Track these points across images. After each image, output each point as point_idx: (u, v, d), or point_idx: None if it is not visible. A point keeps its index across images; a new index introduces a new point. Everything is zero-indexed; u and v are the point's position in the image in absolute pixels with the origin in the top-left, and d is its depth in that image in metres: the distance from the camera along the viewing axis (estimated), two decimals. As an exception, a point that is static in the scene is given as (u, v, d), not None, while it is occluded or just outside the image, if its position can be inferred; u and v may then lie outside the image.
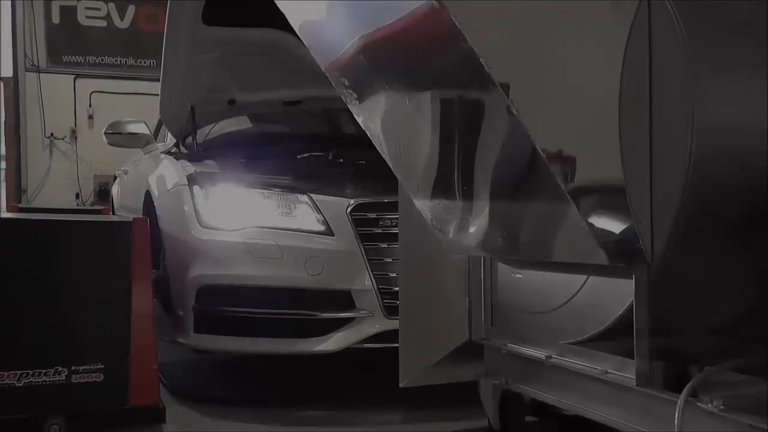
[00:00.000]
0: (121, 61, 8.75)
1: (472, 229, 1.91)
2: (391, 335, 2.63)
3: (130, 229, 2.44)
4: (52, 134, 8.52)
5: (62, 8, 8.53)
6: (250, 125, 4.37)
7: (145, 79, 8.33)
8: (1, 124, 8.31)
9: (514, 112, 1.44)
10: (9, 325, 2.30)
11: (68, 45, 8.54)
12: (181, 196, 3.07)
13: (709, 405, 1.49)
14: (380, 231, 2.87)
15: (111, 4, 8.72)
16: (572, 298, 1.86)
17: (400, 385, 2.26)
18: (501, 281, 2.17)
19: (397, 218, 2.50)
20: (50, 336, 2.31)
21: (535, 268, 2.00)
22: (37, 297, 2.31)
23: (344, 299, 2.82)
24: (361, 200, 2.91)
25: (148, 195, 3.61)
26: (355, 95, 1.94)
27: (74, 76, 8.52)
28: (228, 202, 2.97)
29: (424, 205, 2.01)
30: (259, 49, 3.65)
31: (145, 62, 8.71)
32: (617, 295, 1.70)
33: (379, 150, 2.00)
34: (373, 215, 2.89)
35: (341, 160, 3.44)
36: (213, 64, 3.63)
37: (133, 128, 4.40)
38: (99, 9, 8.71)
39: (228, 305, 2.84)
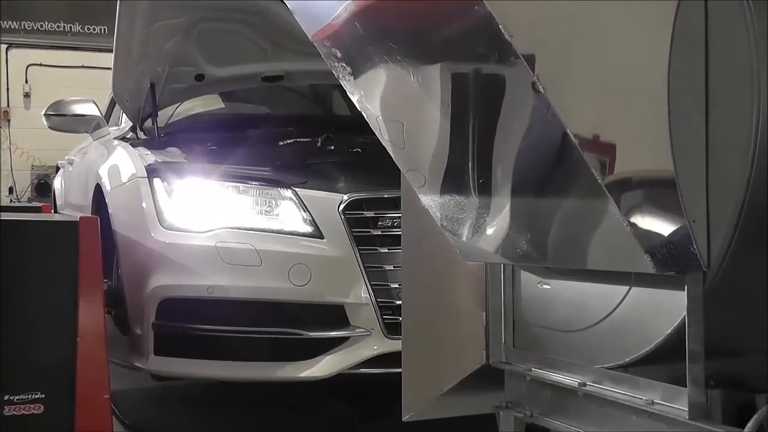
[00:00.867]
0: (64, 27, 8.72)
1: (490, 231, 1.91)
2: (392, 358, 2.65)
3: (76, 230, 2.44)
4: (-23, 117, 8.52)
5: (-9, -38, 8.53)
6: (222, 106, 4.39)
7: (94, 50, 8.32)
8: None
9: (541, 89, 1.44)
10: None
11: (-2, 6, 8.51)
12: (138, 191, 3.08)
13: (778, 443, 1.49)
14: (379, 233, 2.89)
15: (53, -43, 8.67)
16: (611, 313, 1.87)
17: (403, 419, 2.26)
18: (525, 294, 2.17)
19: (399, 217, 2.52)
20: (-21, 359, 2.31)
21: (566, 278, 2.00)
22: (-38, 313, 2.31)
23: (336, 315, 2.83)
24: (356, 196, 2.92)
25: (98, 189, 3.62)
26: (348, 69, 1.93)
27: (6, 45, 8.46)
28: (195, 199, 2.99)
29: (431, 201, 2.01)
30: (232, 14, 3.66)
31: (94, 29, 8.69)
32: (666, 310, 1.70)
33: (377, 135, 2.00)
34: (370, 214, 2.91)
35: (332, 147, 3.46)
36: (177, 32, 3.63)
37: (79, 109, 4.39)
38: (37, -37, 8.66)
39: (195, 322, 2.85)
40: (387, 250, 2.86)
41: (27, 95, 8.51)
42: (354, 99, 1.99)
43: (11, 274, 2.37)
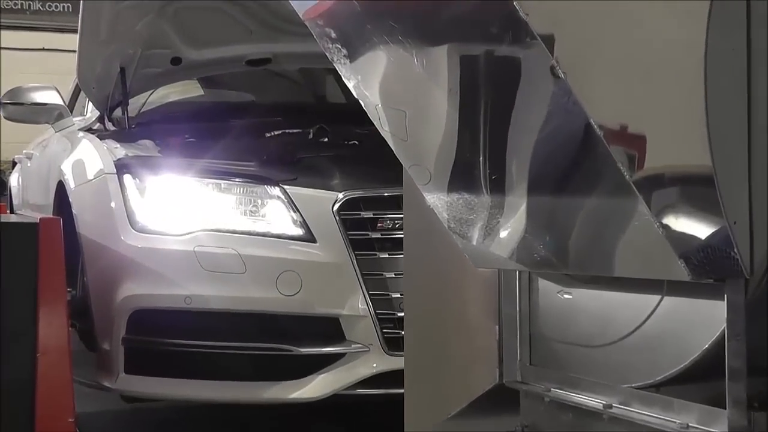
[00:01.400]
0: (22, 5, 8.73)
1: (503, 234, 1.91)
2: (393, 377, 2.65)
3: (35, 233, 2.44)
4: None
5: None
6: (202, 93, 4.40)
7: (56, 30, 8.33)
8: None
9: (560, 74, 1.44)
10: None
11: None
12: (106, 188, 3.08)
13: (828, 471, 1.49)
14: (378, 236, 2.90)
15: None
16: (640, 326, 1.87)
17: (406, 445, 2.28)
18: (543, 304, 2.17)
19: (401, 218, 2.52)
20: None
21: (590, 287, 2.00)
22: None
23: (330, 329, 2.84)
24: (352, 194, 2.93)
25: (61, 187, 3.62)
26: (344, 52, 1.93)
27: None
28: (171, 197, 3.00)
29: (438, 200, 2.01)
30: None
31: (56, 6, 8.71)
32: (702, 322, 1.70)
33: (377, 126, 2.00)
34: (368, 214, 2.91)
35: (325, 139, 3.47)
36: (150, 10, 3.63)
37: (39, 97, 4.38)
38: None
39: (171, 336, 2.86)
40: (387, 256, 2.87)
41: (-20, 82, 8.54)
42: (350, 85, 1.99)
43: (-38, 283, 2.38)
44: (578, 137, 1.53)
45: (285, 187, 2.95)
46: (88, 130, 3.91)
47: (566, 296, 2.10)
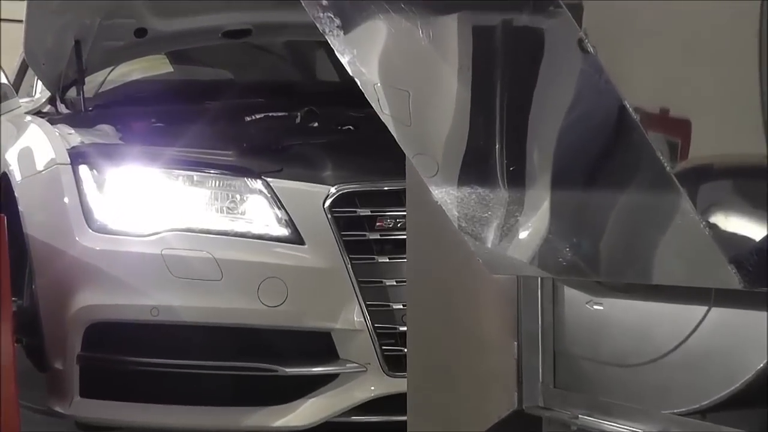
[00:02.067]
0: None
1: (523, 235, 1.91)
2: (394, 402, 2.66)
3: (-24, 233, 2.43)
4: None
5: None
6: (171, 70, 4.40)
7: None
8: None
9: (590, 48, 1.44)
10: None
11: None
12: (59, 182, 3.08)
13: None
14: (377, 237, 2.91)
15: None
16: (683, 342, 1.87)
17: (410, 481, 2.28)
18: (569, 317, 2.17)
19: (403, 217, 2.53)
20: None
21: (624, 297, 2.00)
22: None
23: (320, 345, 2.85)
24: (346, 188, 2.93)
25: (5, 180, 3.60)
26: (337, 22, 1.93)
27: None
28: (135, 192, 2.99)
29: (446, 196, 2.01)
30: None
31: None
32: (755, 337, 1.70)
33: (375, 109, 2.00)
34: (365, 212, 2.92)
35: (315, 124, 3.46)
36: (110, -27, 3.64)
37: (-22, 75, 4.40)
38: None
39: (135, 354, 2.86)
40: (387, 260, 2.88)
41: None
42: (344, 61, 1.98)
43: None
44: (611, 122, 1.53)
45: (268, 179, 2.95)
46: (37, 113, 3.90)
47: (597, 307, 2.10)
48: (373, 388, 2.82)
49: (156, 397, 2.86)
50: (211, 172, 3.00)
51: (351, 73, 2.00)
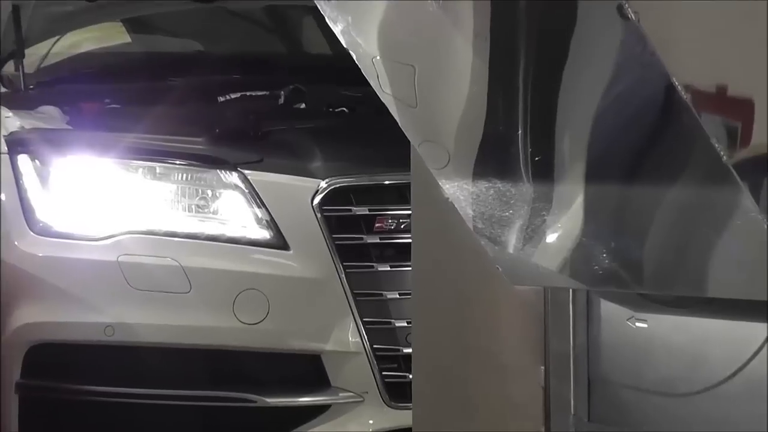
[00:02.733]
0: None
1: (552, 238, 1.92)
2: (398, 439, 2.68)
3: None
4: None
5: None
6: (128, 40, 4.37)
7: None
8: None
9: (631, 15, 1.46)
10: None
11: None
12: (-8, 174, 3.09)
13: None
14: (377, 240, 2.91)
15: None
16: (743, 368, 1.88)
17: None
18: (607, 336, 2.17)
19: (407, 216, 2.55)
20: None
21: (672, 312, 2.00)
22: None
23: (308, 370, 2.85)
24: (340, 181, 2.94)
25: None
26: (328, -18, 1.93)
27: None
28: (85, 187, 2.99)
29: (460, 191, 2.00)
30: None
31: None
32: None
33: (374, 87, 1.99)
34: (362, 210, 2.93)
35: (302, 105, 3.47)
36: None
37: None
38: None
39: (86, 381, 2.84)
40: (389, 268, 2.88)
41: None
42: (337, 30, 1.98)
43: None
44: (656, 103, 1.55)
45: (245, 172, 2.95)
46: (-34, 92, 3.90)
47: (640, 325, 2.09)
48: (371, 421, 2.82)
49: (111, 433, 2.87)
50: (177, 162, 2.99)
51: (345, 45, 1.99)
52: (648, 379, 2.08)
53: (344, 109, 3.41)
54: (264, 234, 2.89)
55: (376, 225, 2.91)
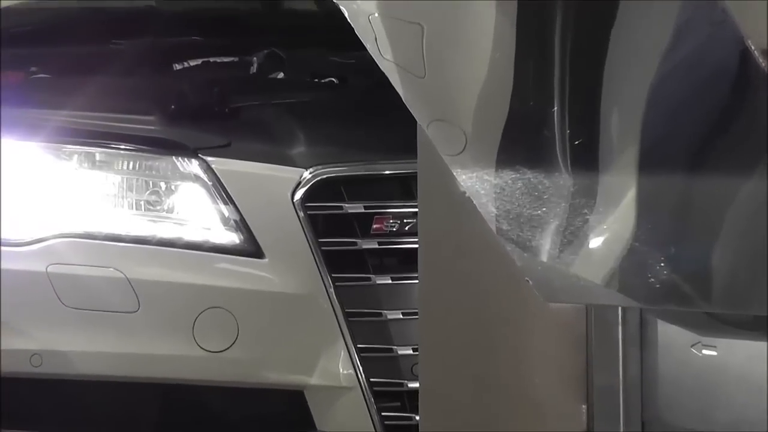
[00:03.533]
0: None
1: (596, 244, 1.93)
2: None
3: None
4: None
5: None
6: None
7: None
8: None
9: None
10: None
11: None
12: None
13: None
14: (375, 245, 2.93)
15: None
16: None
17: None
18: (666, 367, 2.19)
19: (414, 215, 2.59)
20: None
21: (748, 336, 2.04)
22: None
23: (289, 410, 2.88)
24: (327, 171, 2.96)
25: None
26: None
27: None
28: (8, 179, 2.99)
29: (479, 183, 2.00)
30: None
31: None
32: None
33: (371, 52, 1.99)
34: (356, 208, 2.94)
35: (280, 74, 3.51)
36: None
37: None
38: None
39: (7, 423, 2.85)
40: (389, 281, 2.90)
41: None
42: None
43: None
44: (728, 75, 1.60)
45: (208, 159, 2.96)
46: None
47: (707, 353, 2.12)
48: (367, 475, 2.87)
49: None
50: (122, 147, 3.01)
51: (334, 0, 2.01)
52: (718, 420, 2.12)
53: (333, 79, 3.45)
54: (232, 238, 2.91)
55: (374, 226, 2.93)
